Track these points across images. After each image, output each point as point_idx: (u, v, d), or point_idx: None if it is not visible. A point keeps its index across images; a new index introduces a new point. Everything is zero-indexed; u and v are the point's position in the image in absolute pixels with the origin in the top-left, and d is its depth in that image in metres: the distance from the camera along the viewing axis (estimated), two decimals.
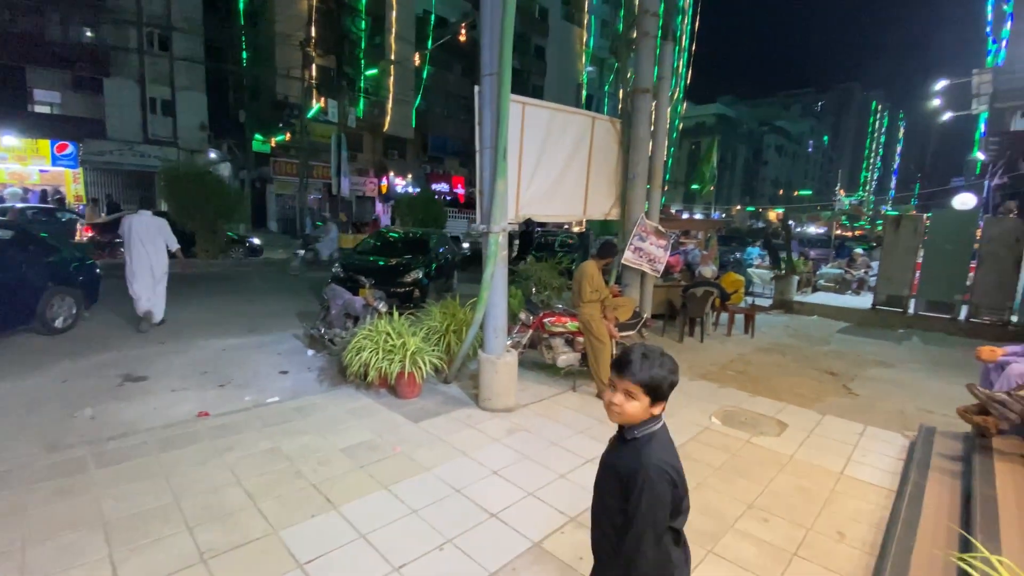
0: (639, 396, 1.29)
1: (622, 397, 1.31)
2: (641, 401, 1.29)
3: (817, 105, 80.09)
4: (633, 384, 1.28)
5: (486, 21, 3.99)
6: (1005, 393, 3.40)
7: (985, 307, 8.82)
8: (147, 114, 19.86)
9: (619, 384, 1.32)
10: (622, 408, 1.31)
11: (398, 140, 27.71)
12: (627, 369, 1.30)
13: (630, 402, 1.30)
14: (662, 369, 1.29)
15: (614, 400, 1.32)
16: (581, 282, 4.75)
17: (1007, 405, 3.36)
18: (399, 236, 10.17)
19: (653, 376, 1.28)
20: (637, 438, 1.35)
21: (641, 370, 1.28)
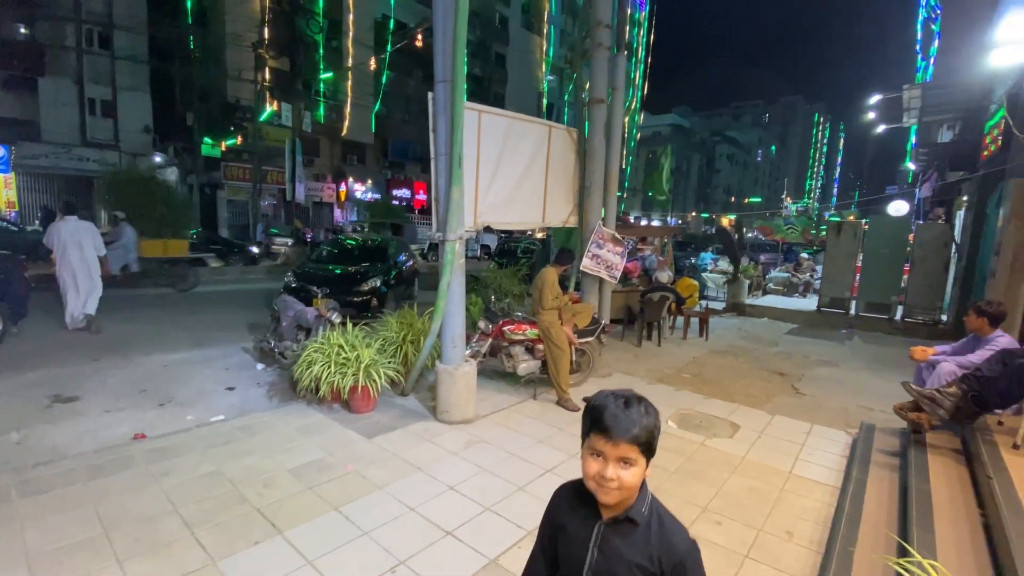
0: (638, 460, 1.00)
1: (618, 468, 0.99)
2: (640, 465, 1.01)
3: (765, 117, 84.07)
4: (631, 446, 0.98)
5: (438, 28, 3.95)
6: (936, 390, 3.61)
7: (918, 308, 9.41)
8: (85, 115, 18.67)
9: (611, 451, 0.99)
10: (622, 482, 0.99)
11: (357, 145, 27.19)
12: (618, 428, 0.98)
13: (630, 470, 1.00)
14: (651, 416, 1.02)
15: (607, 475, 0.99)
16: (542, 289, 4.76)
17: (937, 402, 3.56)
18: (357, 243, 9.93)
19: (648, 428, 1.00)
20: (646, 516, 1.07)
21: (635, 425, 0.98)
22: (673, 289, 7.99)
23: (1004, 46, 4.74)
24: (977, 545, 2.47)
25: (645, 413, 1.01)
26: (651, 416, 1.02)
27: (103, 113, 19.16)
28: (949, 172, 10.89)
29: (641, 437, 0.98)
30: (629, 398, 1.02)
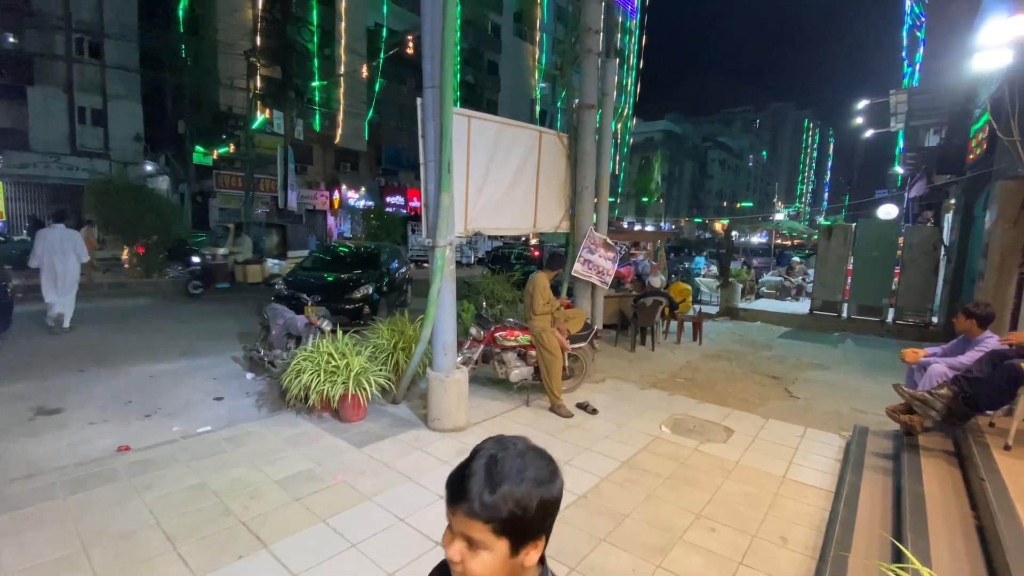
0: (490, 544, 0.70)
1: (461, 548, 0.73)
2: (494, 552, 0.71)
3: (755, 123, 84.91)
4: (473, 521, 0.70)
5: (426, 33, 3.94)
6: (928, 392, 3.60)
7: (909, 310, 9.48)
8: (75, 124, 18.54)
9: (454, 523, 0.74)
10: (466, 570, 0.72)
11: (350, 153, 27.16)
12: (459, 495, 0.72)
13: (476, 557, 0.71)
14: (523, 485, 0.70)
15: (448, 554, 0.74)
16: (533, 294, 4.73)
17: (929, 403, 3.55)
18: (349, 251, 9.88)
19: (513, 501, 0.69)
20: None
21: (486, 494, 0.69)
22: (666, 294, 8.00)
23: (986, 50, 4.80)
24: (971, 548, 2.45)
25: (516, 479, 0.70)
26: (524, 483, 0.70)
27: (93, 122, 19.03)
28: (936, 175, 11.01)
29: (494, 513, 0.68)
30: (501, 454, 0.73)
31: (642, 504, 3.16)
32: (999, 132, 5.83)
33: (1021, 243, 6.00)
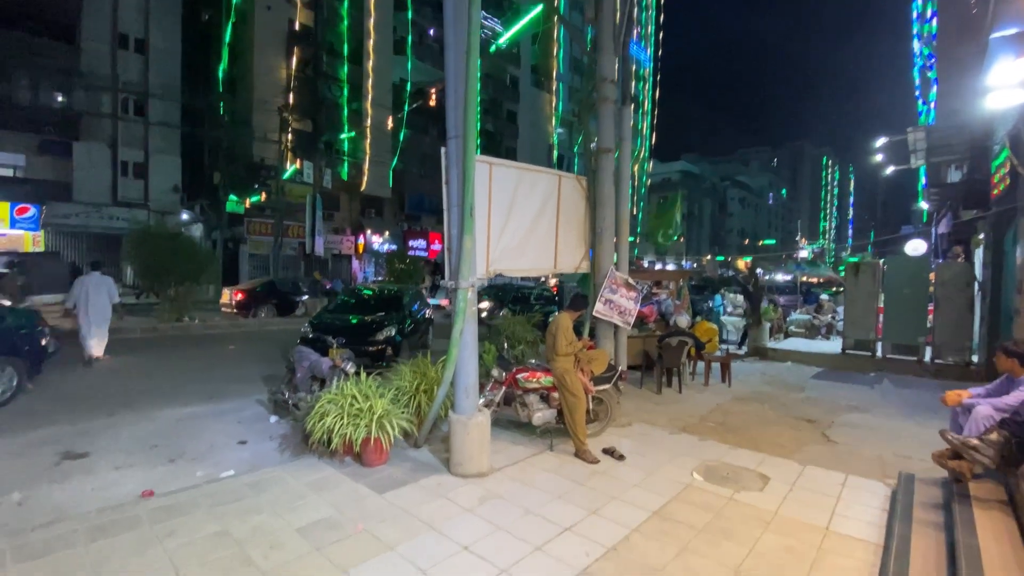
0: None
1: None
2: None
3: (773, 161, 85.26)
4: None
5: (450, 87, 4.14)
6: (976, 438, 3.40)
7: (947, 348, 9.08)
8: (117, 177, 19.74)
9: None
10: None
11: (375, 199, 28.12)
12: None
13: None
14: None
15: None
16: (556, 335, 4.70)
17: (979, 450, 3.35)
18: (372, 293, 10.06)
19: None
20: None
21: None
22: (692, 334, 7.84)
23: (998, 91, 4.79)
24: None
25: None
26: None
27: (134, 174, 20.23)
28: (963, 211, 10.79)
29: None
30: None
31: (676, 558, 2.99)
32: (1020, 168, 5.73)
33: None
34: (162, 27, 20.37)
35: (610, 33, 6.03)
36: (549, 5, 6.79)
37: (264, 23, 22.77)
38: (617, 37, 6.05)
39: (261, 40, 22.69)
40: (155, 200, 20.45)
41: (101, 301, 8.04)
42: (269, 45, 22.93)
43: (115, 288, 8.39)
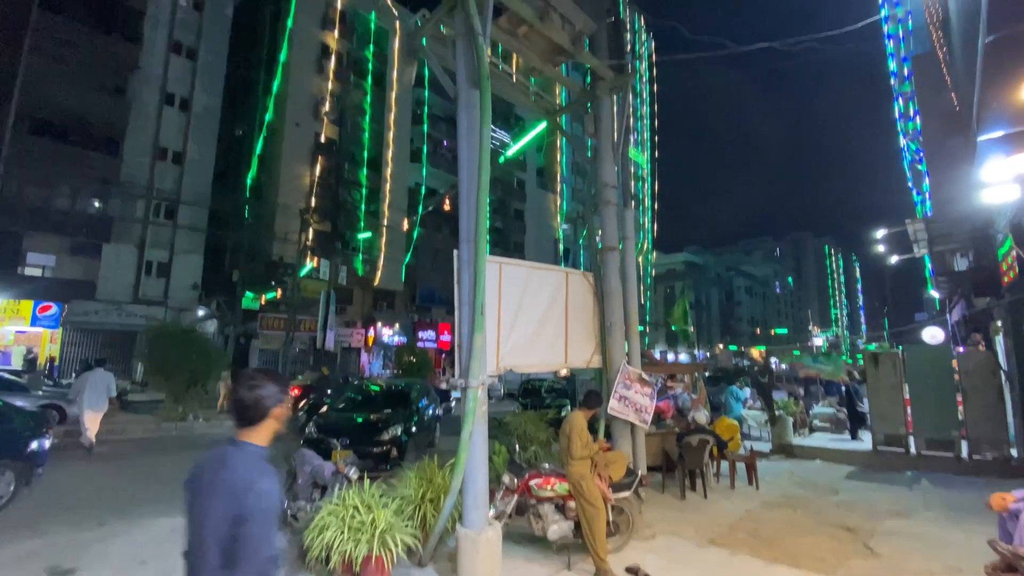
0: None
1: None
2: None
3: (776, 251, 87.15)
4: None
5: (463, 196, 4.41)
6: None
7: (983, 443, 8.54)
8: (141, 276, 20.56)
9: None
10: None
11: (387, 292, 28.81)
12: None
13: None
14: None
15: None
16: (571, 436, 4.49)
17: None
18: (380, 389, 9.90)
19: None
20: None
21: None
22: (712, 431, 7.49)
23: (993, 186, 5.00)
24: None
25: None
26: None
27: (158, 273, 21.08)
28: (975, 298, 10.74)
29: None
30: None
31: None
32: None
33: None
34: (200, 142, 22.40)
35: (609, 145, 6.51)
36: (552, 121, 7.43)
37: (293, 137, 25.00)
38: (615, 148, 6.53)
39: (289, 151, 24.76)
40: (174, 297, 21.09)
41: (100, 395, 8.89)
42: (296, 156, 24.97)
43: (114, 384, 9.23)
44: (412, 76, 6.79)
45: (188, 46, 22.59)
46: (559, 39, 5.66)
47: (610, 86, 6.56)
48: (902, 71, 17.55)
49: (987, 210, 8.32)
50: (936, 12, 11.54)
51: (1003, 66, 2.81)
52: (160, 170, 21.26)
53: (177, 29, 22.11)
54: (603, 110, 6.62)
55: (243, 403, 1.75)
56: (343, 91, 27.00)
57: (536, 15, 5.37)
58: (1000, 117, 3.46)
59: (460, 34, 4.68)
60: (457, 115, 4.59)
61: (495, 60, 5.67)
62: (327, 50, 27.05)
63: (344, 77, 27.27)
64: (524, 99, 6.81)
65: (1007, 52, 2.67)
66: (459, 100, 4.58)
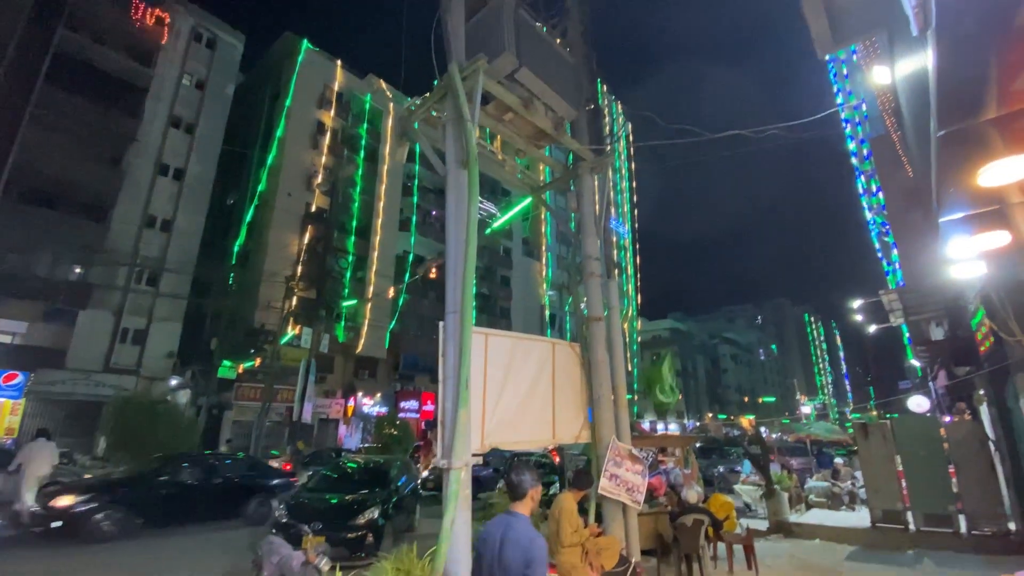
0: None
1: None
2: None
3: (757, 319, 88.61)
4: None
5: (450, 267, 4.45)
6: None
7: (981, 517, 8.30)
8: (115, 344, 19.86)
9: None
10: None
11: (370, 360, 28.20)
12: None
13: None
14: None
15: None
16: (560, 521, 4.26)
17: None
18: (357, 467, 9.39)
19: None
20: None
21: None
22: (706, 510, 7.16)
23: (960, 262, 5.23)
24: None
25: None
26: None
27: (133, 341, 20.40)
28: (955, 367, 10.87)
29: None
30: None
31: None
32: (1000, 332, 5.94)
33: None
34: (189, 211, 22.63)
35: (591, 219, 6.74)
36: (537, 197, 7.72)
37: (283, 206, 25.48)
38: (598, 222, 6.74)
39: (278, 221, 25.11)
40: (148, 366, 20.33)
41: (41, 465, 9.18)
42: (285, 224, 25.31)
43: (56, 455, 9.73)
44: (404, 154, 7.06)
45: (187, 121, 23.48)
46: (542, 124, 6.01)
47: (591, 166, 6.90)
48: (861, 151, 18.86)
49: (957, 283, 8.63)
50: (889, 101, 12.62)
51: (956, 157, 3.02)
52: (147, 237, 21.25)
53: (178, 105, 23.06)
54: (585, 187, 6.91)
55: (511, 484, 2.83)
56: (336, 164, 27.98)
57: (521, 103, 5.72)
58: (959, 201, 3.68)
59: (450, 119, 4.94)
60: (446, 192, 4.74)
61: (482, 141, 5.96)
62: (322, 127, 28.32)
63: (338, 152, 28.38)
64: (510, 177, 7.10)
65: (959, 145, 2.88)
66: (448, 178, 4.75)
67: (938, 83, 2.59)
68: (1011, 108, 2.66)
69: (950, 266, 5.53)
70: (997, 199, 3.84)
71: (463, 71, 4.90)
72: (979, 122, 2.74)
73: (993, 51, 2.43)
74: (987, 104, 2.65)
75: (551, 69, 6.01)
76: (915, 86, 3.94)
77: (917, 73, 3.49)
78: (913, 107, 4.40)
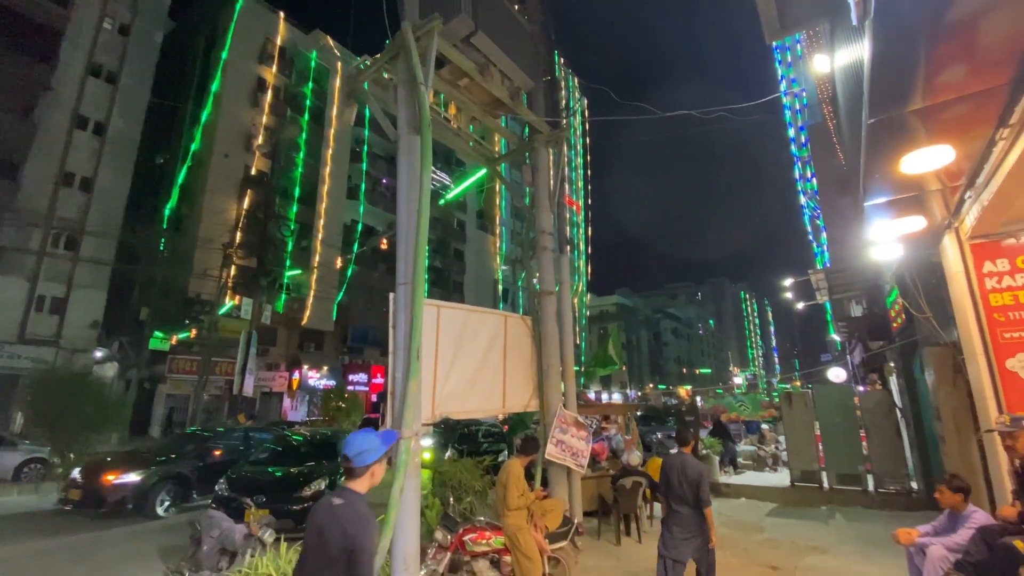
0: None
1: None
2: None
3: (697, 295, 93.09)
4: None
5: (401, 238, 4.35)
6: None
7: (887, 476, 9.27)
8: (31, 312, 18.21)
9: None
10: None
11: (316, 333, 27.37)
12: None
13: None
14: None
15: None
16: (507, 485, 4.38)
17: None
18: (303, 439, 9.20)
19: None
20: None
21: None
22: (645, 473, 7.59)
23: (879, 244, 5.70)
24: None
25: None
26: None
27: (51, 310, 18.78)
28: (870, 342, 11.92)
29: None
30: None
31: None
32: (911, 309, 6.55)
33: (968, 405, 6.25)
34: (112, 169, 20.71)
35: (546, 193, 6.76)
36: (492, 168, 7.63)
37: (220, 168, 23.82)
38: (552, 197, 6.77)
39: (214, 184, 23.48)
40: (69, 337, 18.81)
41: None
42: (222, 188, 23.70)
43: None
44: (352, 116, 6.73)
45: (109, 69, 21.26)
46: (499, 93, 5.89)
47: (546, 139, 6.87)
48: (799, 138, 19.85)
49: (877, 264, 9.40)
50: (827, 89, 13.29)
51: (883, 144, 3.25)
52: (65, 197, 19.33)
53: (98, 51, 20.78)
54: (540, 161, 6.89)
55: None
56: (278, 125, 26.34)
57: (477, 69, 5.57)
58: (882, 186, 3.98)
59: (402, 81, 4.75)
60: (397, 159, 4.58)
61: (436, 107, 5.79)
62: (263, 83, 26.48)
63: (280, 111, 26.68)
64: (464, 146, 6.95)
65: (886, 133, 3.10)
66: (399, 144, 4.58)
67: (871, 72, 2.75)
68: (935, 100, 2.88)
69: (871, 248, 6.00)
70: (916, 186, 4.18)
71: (416, 31, 4.70)
72: (906, 112, 2.94)
73: (924, 44, 2.60)
74: (914, 95, 2.84)
75: (509, 36, 5.87)
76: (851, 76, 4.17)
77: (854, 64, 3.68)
78: (848, 96, 4.66)
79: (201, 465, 9.20)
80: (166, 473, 8.72)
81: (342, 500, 2.22)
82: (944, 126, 3.24)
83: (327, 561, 2.11)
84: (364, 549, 2.11)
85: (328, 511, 2.19)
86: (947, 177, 4.18)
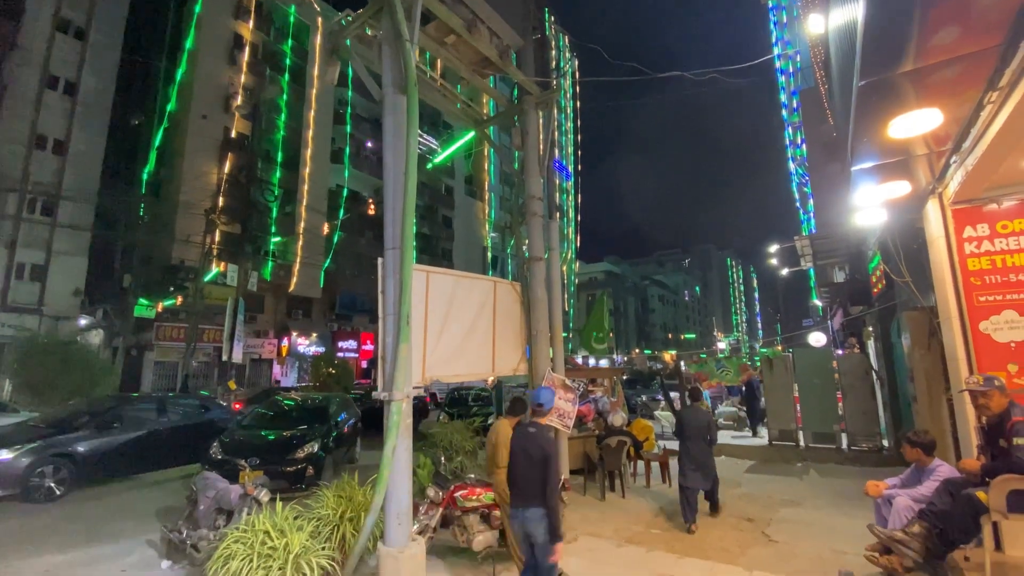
0: None
1: None
2: None
3: (685, 262, 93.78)
4: None
5: (389, 201, 4.30)
6: (902, 531, 3.54)
7: (859, 435, 9.69)
8: (11, 280, 17.85)
9: None
10: None
11: (304, 300, 27.22)
12: None
13: None
14: None
15: None
16: (497, 445, 4.51)
17: (905, 543, 3.47)
18: (294, 403, 9.30)
19: None
20: None
21: None
22: (629, 432, 7.85)
23: (864, 209, 5.77)
24: None
25: None
26: None
27: (31, 277, 18.42)
28: (851, 307, 12.21)
29: None
30: None
31: None
32: (891, 273, 6.68)
33: (940, 367, 6.50)
34: (87, 130, 19.94)
35: (535, 158, 6.67)
36: (480, 131, 7.50)
37: (198, 131, 22.98)
38: (541, 162, 6.69)
39: (193, 146, 22.71)
40: (52, 304, 18.52)
41: None
42: (201, 151, 22.94)
43: None
44: (335, 75, 6.49)
45: (77, 25, 20.13)
46: (487, 51, 5.72)
47: (536, 101, 6.73)
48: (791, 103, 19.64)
49: (861, 230, 9.52)
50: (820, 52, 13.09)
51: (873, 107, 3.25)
52: (38, 160, 18.64)
53: (65, 5, 19.61)
54: (530, 124, 6.77)
55: None
56: (257, 85, 25.33)
57: (464, 26, 5.39)
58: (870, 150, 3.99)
59: (386, 37, 4.58)
60: (383, 119, 4.47)
61: (422, 66, 5.60)
62: (240, 40, 25.29)
63: (259, 71, 25.60)
64: (451, 107, 6.79)
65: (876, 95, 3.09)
66: (384, 103, 4.46)
67: (864, 33, 2.72)
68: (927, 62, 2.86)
69: (856, 213, 6.07)
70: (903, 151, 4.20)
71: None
72: (897, 74, 2.93)
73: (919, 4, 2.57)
74: (906, 56, 2.82)
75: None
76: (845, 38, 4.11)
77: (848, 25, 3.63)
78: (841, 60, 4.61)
79: (96, 442, 7.57)
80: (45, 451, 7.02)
81: (535, 429, 3.51)
82: (934, 89, 3.24)
83: (532, 463, 3.30)
84: (554, 455, 3.31)
85: (528, 435, 3.47)
86: (934, 142, 4.20)
